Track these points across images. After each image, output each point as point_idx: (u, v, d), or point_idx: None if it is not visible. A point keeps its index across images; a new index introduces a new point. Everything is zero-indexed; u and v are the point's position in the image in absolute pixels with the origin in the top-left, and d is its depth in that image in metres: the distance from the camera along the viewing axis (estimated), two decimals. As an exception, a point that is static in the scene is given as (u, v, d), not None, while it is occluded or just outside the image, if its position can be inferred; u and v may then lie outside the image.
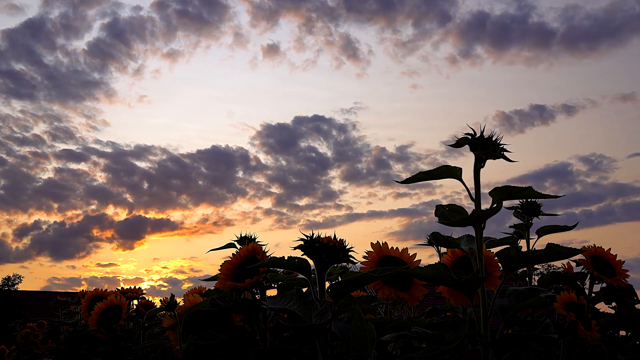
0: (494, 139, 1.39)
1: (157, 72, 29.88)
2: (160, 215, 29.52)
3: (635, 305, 1.92)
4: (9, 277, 21.24)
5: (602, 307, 1.94)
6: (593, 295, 1.86)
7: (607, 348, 1.80)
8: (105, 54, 28.20)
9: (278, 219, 28.63)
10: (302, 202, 29.52)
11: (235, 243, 2.10)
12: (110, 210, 29.28)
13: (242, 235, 2.11)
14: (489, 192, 1.44)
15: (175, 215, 29.97)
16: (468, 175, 1.43)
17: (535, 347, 1.38)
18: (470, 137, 1.40)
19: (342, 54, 29.45)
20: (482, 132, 1.39)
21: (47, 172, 29.02)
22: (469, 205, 1.46)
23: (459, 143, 1.41)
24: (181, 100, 33.58)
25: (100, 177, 29.78)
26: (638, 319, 1.91)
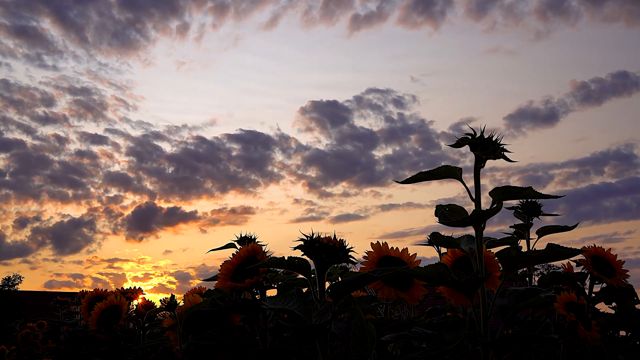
0: (494, 139, 1.39)
1: (198, 33, 26.82)
2: (177, 205, 27.61)
3: (635, 306, 1.92)
4: (9, 277, 21.24)
5: (602, 307, 1.95)
6: (593, 295, 1.86)
7: (607, 348, 1.80)
8: (142, 9, 25.09)
9: (309, 209, 26.91)
10: (338, 188, 27.24)
11: (235, 243, 2.10)
12: (127, 200, 27.31)
13: (242, 236, 2.11)
14: (489, 192, 1.44)
15: (195, 205, 27.72)
16: (524, 153, 1.38)
17: (535, 347, 1.38)
18: (470, 137, 1.40)
19: (414, 7, 25.68)
20: (482, 132, 1.39)
21: (65, 155, 26.78)
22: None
23: (459, 143, 1.41)
24: (220, 68, 30.31)
25: (121, 163, 27.73)
26: (638, 319, 1.91)
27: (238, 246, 2.07)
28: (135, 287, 2.89)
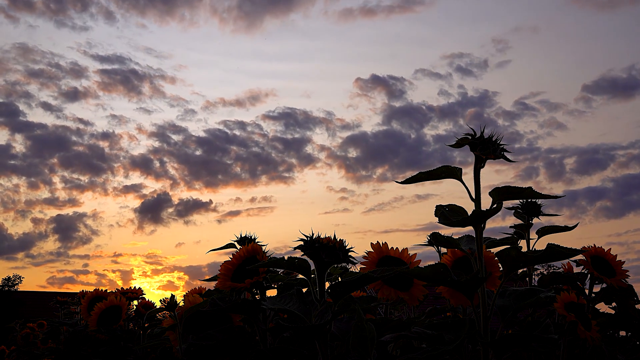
0: (494, 139, 1.39)
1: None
2: (197, 194, 25.22)
3: (635, 306, 1.92)
4: (9, 277, 21.18)
5: (602, 307, 1.95)
6: (593, 295, 1.86)
7: (607, 348, 1.80)
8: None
9: (342, 197, 24.27)
10: (377, 172, 24.13)
11: (235, 243, 2.10)
12: (146, 189, 24.45)
13: (242, 236, 2.11)
14: (489, 192, 1.44)
15: (221, 193, 25.30)
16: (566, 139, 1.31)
17: (535, 347, 1.38)
18: (470, 137, 1.40)
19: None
20: (482, 132, 1.39)
21: (83, 137, 23.65)
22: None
23: (459, 143, 1.41)
24: (267, 32, 25.66)
25: (146, 146, 25.11)
26: (638, 319, 1.91)
27: (238, 246, 2.07)
28: (135, 287, 2.90)
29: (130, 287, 2.89)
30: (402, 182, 1.50)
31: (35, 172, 23.49)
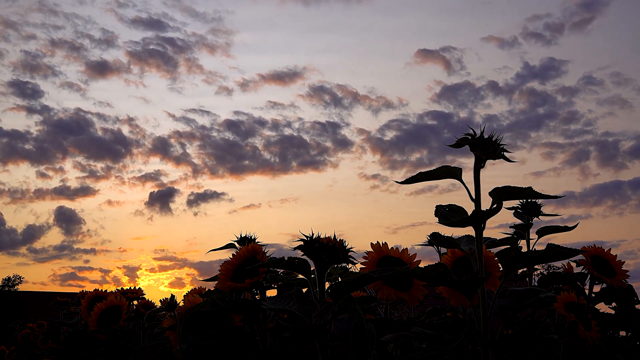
0: (494, 139, 1.39)
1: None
2: (213, 185, 24.10)
3: (635, 306, 1.92)
4: (9, 277, 21.12)
5: (602, 307, 1.95)
6: (593, 295, 1.86)
7: (607, 348, 1.80)
8: None
9: (373, 186, 22.68)
10: (414, 158, 22.06)
11: (235, 243, 2.10)
12: (164, 178, 22.98)
13: (242, 236, 2.11)
14: (489, 193, 1.44)
15: (245, 182, 23.80)
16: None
17: (535, 347, 1.38)
18: (470, 137, 1.40)
19: None
20: (482, 132, 1.39)
21: (102, 121, 22.15)
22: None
23: (458, 143, 1.41)
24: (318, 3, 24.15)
25: (167, 132, 23.07)
26: (638, 319, 1.91)
27: (238, 246, 2.07)
28: (135, 287, 2.90)
29: (131, 287, 2.90)
30: (401, 182, 1.50)
31: (45, 159, 22.29)
